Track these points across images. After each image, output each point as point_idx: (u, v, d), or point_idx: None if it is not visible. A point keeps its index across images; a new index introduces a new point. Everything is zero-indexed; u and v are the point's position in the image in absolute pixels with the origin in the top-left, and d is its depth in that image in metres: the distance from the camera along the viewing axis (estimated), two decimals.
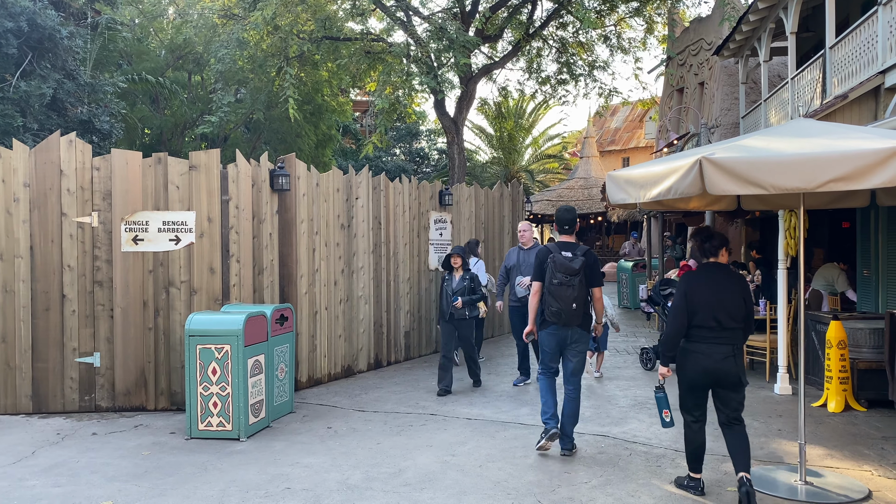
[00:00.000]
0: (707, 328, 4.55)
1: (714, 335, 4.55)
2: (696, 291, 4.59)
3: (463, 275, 7.94)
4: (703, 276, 4.67)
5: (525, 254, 8.31)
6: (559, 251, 5.53)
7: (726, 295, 4.56)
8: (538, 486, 4.97)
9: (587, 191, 26.38)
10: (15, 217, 7.03)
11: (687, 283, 4.68)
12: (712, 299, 4.55)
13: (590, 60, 15.10)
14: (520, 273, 8.25)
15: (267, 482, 5.09)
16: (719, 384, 4.61)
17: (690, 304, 4.57)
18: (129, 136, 18.77)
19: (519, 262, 8.32)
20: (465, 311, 7.85)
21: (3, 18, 10.48)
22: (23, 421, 6.80)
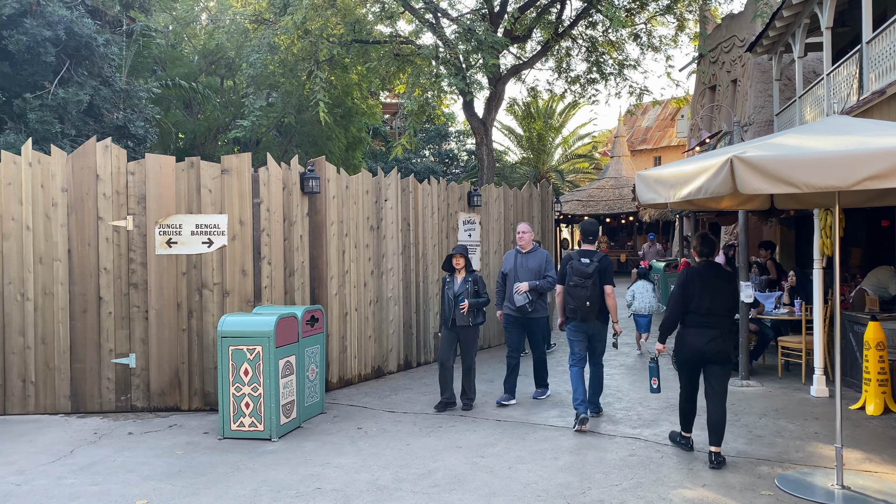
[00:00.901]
0: (699, 314, 5.35)
1: (704, 320, 5.34)
2: (691, 283, 5.41)
3: (466, 276, 7.15)
4: (698, 271, 5.49)
5: (524, 258, 7.47)
6: (579, 258, 6.55)
7: (716, 287, 5.36)
8: (568, 489, 4.94)
9: (618, 190, 26.14)
10: (54, 221, 7.20)
11: (685, 276, 5.51)
12: (705, 290, 5.34)
13: (620, 59, 14.97)
14: (517, 278, 7.39)
15: (298, 482, 5.14)
16: (707, 362, 5.39)
17: (687, 293, 5.41)
18: (164, 141, 19.11)
19: (516, 267, 7.46)
20: (468, 317, 7.05)
21: (42, 27, 10.75)
22: (62, 420, 6.96)
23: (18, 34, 10.64)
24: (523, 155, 29.26)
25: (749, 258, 8.80)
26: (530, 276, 7.36)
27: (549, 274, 7.40)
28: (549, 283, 7.37)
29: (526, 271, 7.39)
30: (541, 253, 7.52)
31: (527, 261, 7.46)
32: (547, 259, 7.49)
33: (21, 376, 7.17)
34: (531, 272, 7.37)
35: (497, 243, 11.07)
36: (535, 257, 7.46)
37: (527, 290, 7.26)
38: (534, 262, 7.42)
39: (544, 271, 7.40)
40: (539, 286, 7.33)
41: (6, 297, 7.17)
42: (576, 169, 31.07)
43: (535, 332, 7.48)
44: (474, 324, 7.16)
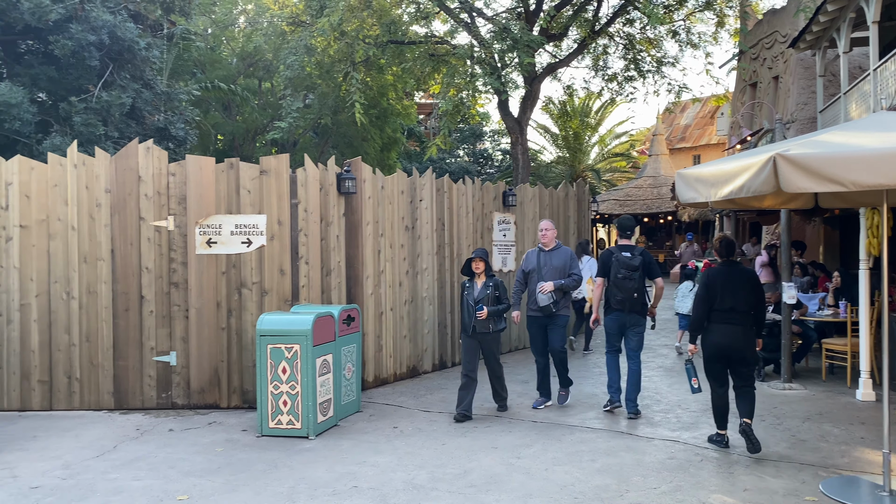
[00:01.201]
0: (721, 311, 5.58)
1: (727, 317, 5.57)
2: (713, 283, 5.65)
3: (486, 281, 6.87)
4: (719, 271, 5.73)
5: (547, 256, 7.23)
6: (619, 252, 6.86)
7: (738, 286, 5.58)
8: (605, 491, 4.89)
9: (656, 189, 25.80)
10: (97, 221, 7.37)
11: (707, 276, 5.76)
12: (726, 289, 5.57)
13: (658, 57, 14.78)
14: (541, 278, 7.14)
15: (335, 480, 5.18)
16: (732, 357, 5.60)
17: (709, 293, 5.63)
18: (203, 143, 19.45)
19: (540, 266, 7.20)
20: (489, 323, 6.80)
21: (87, 32, 11.01)
22: (105, 416, 7.12)
23: (64, 39, 10.91)
24: (559, 154, 29.06)
25: (791, 259, 8.61)
26: (554, 275, 7.15)
27: (573, 272, 7.20)
28: (574, 281, 7.17)
29: (550, 270, 7.17)
30: (564, 251, 7.31)
31: (550, 259, 7.23)
32: (571, 256, 7.27)
33: (66, 373, 7.36)
34: (555, 270, 7.17)
35: (532, 243, 11.01)
36: (559, 255, 7.25)
37: (552, 290, 7.03)
38: (558, 260, 7.21)
39: (569, 269, 7.19)
40: (564, 285, 7.12)
41: (52, 296, 7.36)
42: (613, 168, 30.75)
43: (555, 328, 7.15)
44: (495, 330, 6.88)
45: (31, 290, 7.34)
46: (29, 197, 7.36)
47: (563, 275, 7.16)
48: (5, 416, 6.93)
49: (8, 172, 7.37)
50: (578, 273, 7.21)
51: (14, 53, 12.32)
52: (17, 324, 7.30)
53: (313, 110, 18.80)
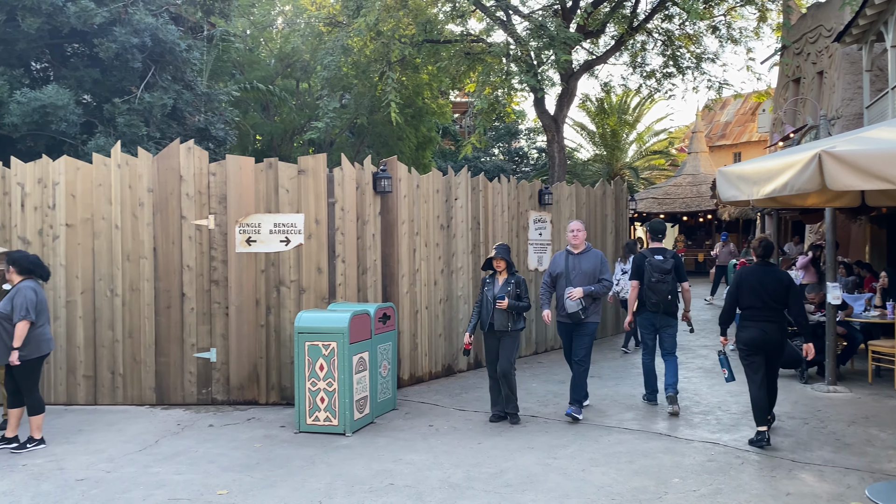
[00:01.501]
0: (755, 308, 5.80)
1: (761, 314, 5.78)
2: (746, 281, 5.87)
3: (507, 278, 6.63)
4: (752, 270, 5.95)
5: (576, 259, 6.81)
6: (652, 255, 6.99)
7: (769, 284, 5.77)
8: (643, 493, 4.83)
9: (695, 188, 25.39)
10: (140, 220, 7.53)
11: (740, 275, 6.02)
12: (759, 287, 5.78)
13: (697, 52, 14.54)
14: (570, 283, 6.72)
15: (371, 477, 5.21)
16: (767, 351, 5.83)
17: (741, 290, 5.88)
18: (242, 143, 19.73)
19: (568, 270, 6.78)
20: (507, 321, 6.53)
21: (130, 35, 11.25)
22: (147, 411, 7.27)
23: (108, 42, 11.17)
24: (596, 152, 28.79)
25: (836, 259, 8.39)
26: (584, 280, 6.70)
27: (604, 277, 6.77)
28: (604, 287, 6.75)
29: (579, 274, 6.73)
30: (594, 254, 6.90)
31: (580, 262, 6.79)
32: (602, 260, 6.86)
33: (110, 368, 7.53)
34: (585, 275, 6.73)
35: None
36: (589, 258, 6.81)
37: (580, 297, 6.62)
38: (587, 263, 6.78)
39: (599, 274, 6.76)
40: (594, 291, 6.69)
41: (97, 293, 7.54)
42: (651, 166, 30.36)
43: (581, 336, 6.74)
44: (514, 329, 6.60)
45: (76, 287, 7.53)
46: (75, 196, 7.55)
47: (592, 280, 6.73)
48: (52, 410, 7.12)
49: (55, 172, 7.57)
50: (609, 279, 6.80)
51: (61, 56, 12.65)
52: (64, 320, 7.50)
53: (349, 110, 18.94)
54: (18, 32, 11.11)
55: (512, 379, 6.64)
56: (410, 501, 4.75)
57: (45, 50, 12.21)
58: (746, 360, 5.90)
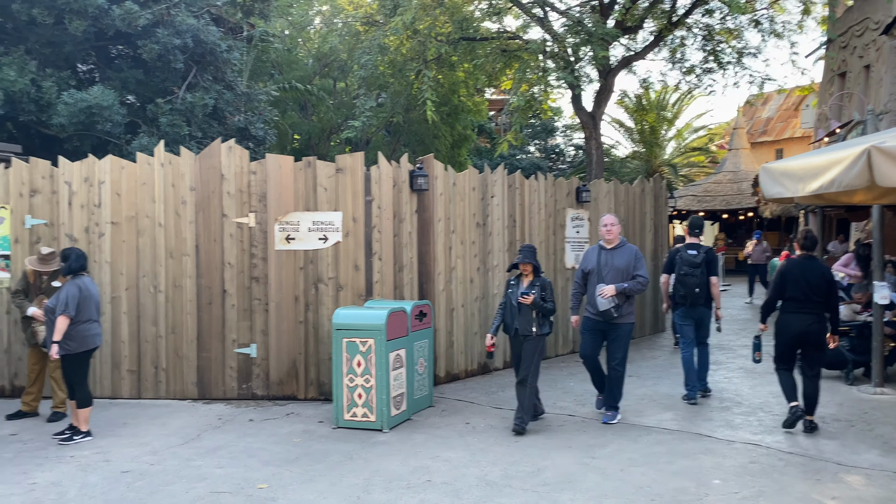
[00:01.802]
0: (796, 300, 5.98)
1: (801, 306, 5.97)
2: (790, 273, 6.05)
3: (533, 280, 6.31)
4: (797, 263, 6.10)
5: (608, 255, 6.52)
6: (686, 250, 7.20)
7: (812, 277, 5.94)
8: (683, 494, 4.76)
9: (736, 185, 24.93)
10: (183, 218, 7.67)
11: (784, 266, 6.20)
12: (802, 280, 5.95)
13: (739, 47, 14.25)
14: (602, 279, 6.44)
15: (408, 474, 5.23)
16: (805, 343, 6.03)
17: (784, 281, 6.05)
18: (281, 142, 19.97)
19: (600, 266, 6.51)
20: (531, 325, 6.20)
21: (172, 36, 11.47)
22: (189, 405, 7.41)
23: (151, 43, 11.40)
24: (634, 149, 28.45)
25: (883, 257, 8.16)
26: (617, 276, 6.42)
27: (639, 273, 6.44)
28: (639, 284, 6.43)
29: (612, 270, 6.43)
30: (629, 249, 6.58)
31: (612, 258, 6.49)
32: (637, 256, 6.54)
33: (153, 363, 7.70)
34: (618, 272, 6.44)
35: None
36: (623, 254, 6.51)
37: (612, 294, 6.33)
38: (621, 259, 6.48)
39: (633, 270, 6.45)
40: (628, 289, 6.38)
41: (141, 289, 7.71)
42: (690, 163, 29.88)
43: (617, 338, 6.48)
44: (539, 334, 6.23)
45: (121, 283, 7.71)
46: (119, 195, 7.73)
47: (626, 277, 6.43)
48: (98, 404, 7.30)
49: (101, 171, 7.76)
50: (645, 275, 6.48)
51: (106, 58, 12.95)
52: (109, 316, 7.68)
53: (386, 109, 19.03)
54: (66, 35, 11.41)
55: (528, 390, 6.27)
56: (448, 499, 4.76)
57: (90, 52, 12.51)
58: (780, 350, 6.20)
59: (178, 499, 4.81)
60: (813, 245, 6.09)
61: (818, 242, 6.26)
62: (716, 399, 7.37)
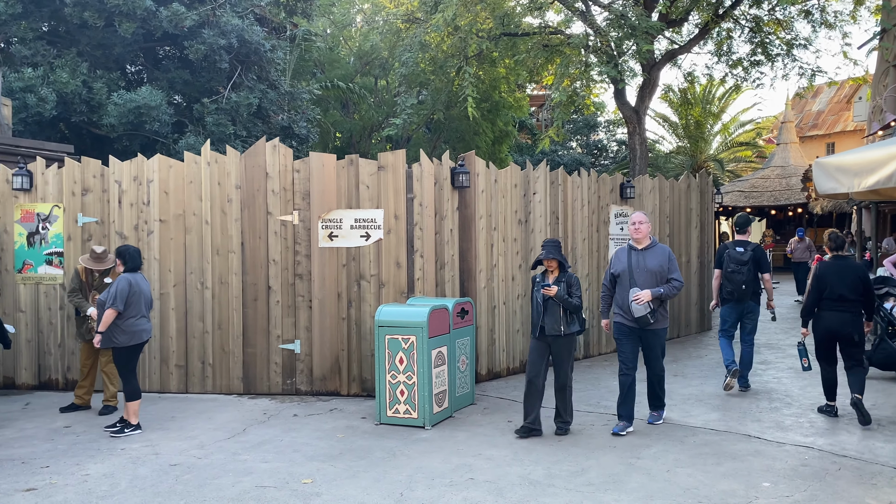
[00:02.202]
0: (832, 300, 6.19)
1: (838, 305, 6.16)
2: (825, 274, 6.26)
3: (559, 276, 6.03)
4: (829, 264, 6.31)
5: (640, 256, 6.13)
6: (734, 247, 7.37)
7: (847, 276, 6.15)
8: (733, 496, 4.66)
9: (785, 180, 24.32)
10: (229, 216, 7.80)
11: (819, 269, 6.34)
12: (836, 280, 6.16)
13: (788, 39, 13.87)
14: (634, 283, 6.05)
15: (451, 471, 5.23)
16: (842, 341, 6.25)
17: (821, 283, 6.24)
18: (323, 140, 20.17)
19: (632, 268, 6.11)
20: (560, 324, 5.93)
21: (218, 37, 11.66)
22: (235, 400, 7.53)
23: (197, 44, 11.61)
24: (679, 144, 27.97)
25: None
26: (649, 279, 6.04)
27: (673, 277, 6.09)
28: (674, 288, 6.07)
29: (644, 273, 6.05)
30: (662, 249, 6.20)
31: (644, 259, 6.10)
32: (670, 257, 6.16)
33: (200, 358, 7.84)
34: (651, 274, 6.06)
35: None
36: (655, 255, 6.12)
37: (649, 300, 5.98)
38: (653, 261, 6.10)
39: (668, 273, 6.09)
40: (664, 294, 6.03)
41: (188, 286, 7.86)
42: (737, 157, 29.25)
43: (653, 345, 6.19)
44: (567, 333, 5.96)
45: (169, 280, 7.87)
46: (167, 193, 7.89)
47: (660, 279, 6.06)
48: (147, 398, 7.48)
49: (149, 170, 7.93)
50: (679, 278, 6.12)
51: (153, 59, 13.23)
52: (158, 311, 7.85)
53: (426, 106, 19.06)
54: (115, 37, 11.68)
55: (568, 394, 6.07)
56: (491, 497, 4.74)
57: (139, 53, 12.79)
58: (820, 348, 6.42)
59: (225, 492, 4.89)
60: (841, 245, 6.34)
61: (846, 242, 6.45)
62: (765, 399, 7.20)
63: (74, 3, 10.87)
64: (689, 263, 11.41)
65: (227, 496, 4.82)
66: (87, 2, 10.86)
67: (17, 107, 10.95)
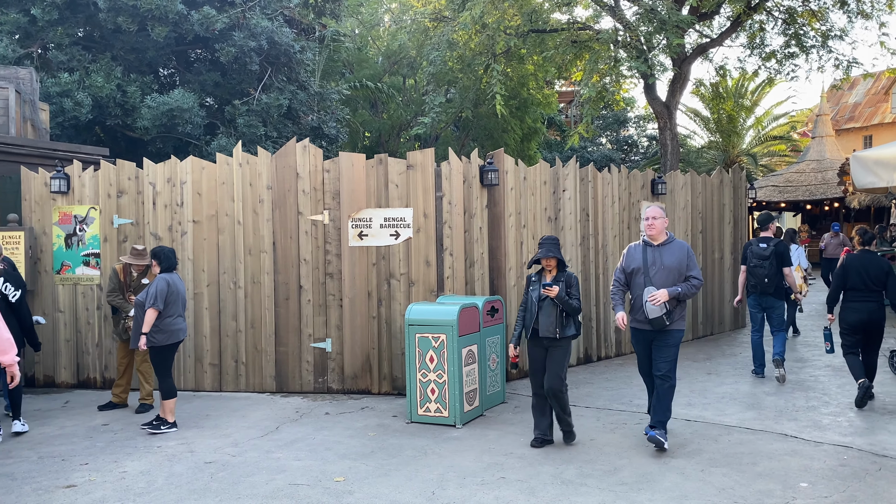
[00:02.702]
0: (857, 290, 6.72)
1: (863, 295, 6.70)
2: (851, 266, 6.76)
3: (557, 276, 5.67)
4: (856, 257, 6.85)
5: (656, 252, 5.68)
6: (757, 243, 7.82)
7: (871, 269, 6.69)
8: (769, 497, 4.58)
9: (820, 174, 23.84)
10: (260, 216, 7.88)
11: (847, 260, 6.89)
12: (862, 271, 6.70)
13: (823, 30, 13.60)
14: (649, 281, 5.60)
15: (482, 470, 5.22)
16: (867, 329, 6.73)
17: (847, 274, 6.77)
18: (352, 140, 20.29)
19: (647, 265, 5.66)
20: (555, 326, 5.54)
21: (248, 39, 11.78)
22: (267, 398, 7.62)
23: (228, 46, 11.74)
24: (710, 138, 27.58)
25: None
26: (667, 277, 5.58)
27: (692, 275, 5.63)
28: (693, 287, 5.61)
29: (661, 270, 5.60)
30: (679, 245, 5.72)
31: (661, 256, 5.64)
32: (689, 254, 5.70)
33: (234, 357, 7.94)
34: (668, 271, 5.60)
35: (683, 233, 10.53)
36: (672, 252, 5.66)
37: (666, 300, 5.51)
38: (671, 257, 5.64)
39: (687, 271, 5.63)
40: (682, 293, 5.56)
41: (221, 285, 7.97)
42: (770, 152, 28.75)
43: (665, 345, 5.62)
44: (563, 336, 5.57)
45: (203, 280, 7.98)
46: (200, 194, 8.00)
47: (678, 278, 5.61)
48: (182, 396, 7.60)
49: (182, 172, 8.05)
50: (699, 276, 5.66)
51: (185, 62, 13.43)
52: (192, 311, 7.96)
53: (454, 104, 19.06)
54: (148, 41, 11.87)
55: (563, 397, 5.64)
56: (523, 496, 4.72)
57: (171, 56, 12.99)
58: (846, 338, 6.82)
59: (259, 490, 4.94)
60: (870, 241, 7.00)
61: (874, 238, 6.94)
62: (801, 398, 7.07)
63: (109, 8, 11.07)
64: (722, 260, 11.24)
65: (261, 494, 4.88)
66: (121, 7, 11.06)
67: (55, 111, 11.20)
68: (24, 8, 11.61)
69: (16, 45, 11.48)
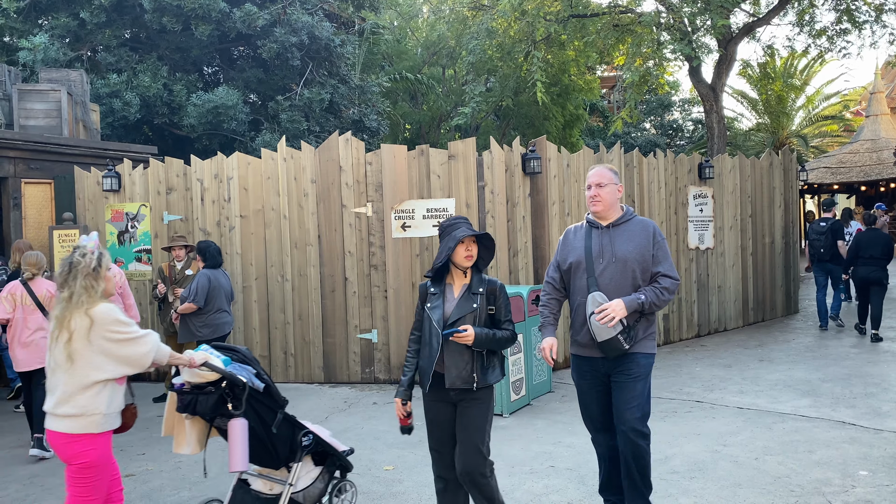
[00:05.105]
0: (865, 258, 8.93)
1: (868, 262, 8.92)
2: (861, 240, 9.00)
3: (470, 284, 3.59)
4: (865, 233, 9.05)
5: (604, 237, 3.76)
6: (818, 222, 9.89)
7: (875, 243, 8.88)
8: (827, 485, 4.46)
9: (875, 154, 23.01)
10: (305, 210, 7.97)
11: (857, 236, 9.15)
12: (869, 244, 8.90)
13: (877, 4, 13.09)
14: (593, 282, 3.66)
15: (531, 459, 5.21)
16: (871, 283, 8.94)
17: (858, 246, 8.99)
18: (393, 132, 20.37)
19: (590, 258, 3.73)
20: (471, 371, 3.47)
21: (289, 34, 11.90)
22: (316, 389, 7.72)
23: (270, 42, 11.89)
24: (758, 120, 26.86)
25: None
26: (622, 275, 3.65)
27: (661, 271, 3.67)
28: (664, 292, 3.63)
29: (613, 265, 3.67)
30: (641, 225, 3.78)
31: (612, 243, 3.71)
32: (655, 238, 3.73)
33: (283, 349, 8.07)
34: (624, 267, 3.66)
35: (733, 218, 10.29)
36: (631, 235, 3.73)
37: (624, 315, 3.54)
38: (628, 244, 3.71)
39: (653, 265, 3.68)
40: (646, 303, 3.59)
41: (269, 279, 8.09)
42: (822, 132, 27.85)
43: (629, 379, 3.64)
44: (483, 386, 3.48)
45: (251, 273, 8.12)
46: (247, 189, 8.12)
47: (640, 275, 3.67)
48: None
49: (229, 168, 8.19)
50: (673, 273, 3.68)
51: (228, 59, 13.64)
52: (241, 304, 8.12)
53: (494, 93, 18.95)
54: (192, 40, 12.09)
55: (488, 484, 3.48)
56: (573, 485, 4.70)
57: (214, 55, 13.21)
58: (858, 291, 9.29)
59: None
60: (873, 222, 9.12)
61: (877, 219, 9.26)
62: (859, 385, 6.87)
63: (154, 9, 11.31)
64: (773, 244, 10.97)
65: None
66: (166, 7, 11.28)
67: (104, 111, 11.50)
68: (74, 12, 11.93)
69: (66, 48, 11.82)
